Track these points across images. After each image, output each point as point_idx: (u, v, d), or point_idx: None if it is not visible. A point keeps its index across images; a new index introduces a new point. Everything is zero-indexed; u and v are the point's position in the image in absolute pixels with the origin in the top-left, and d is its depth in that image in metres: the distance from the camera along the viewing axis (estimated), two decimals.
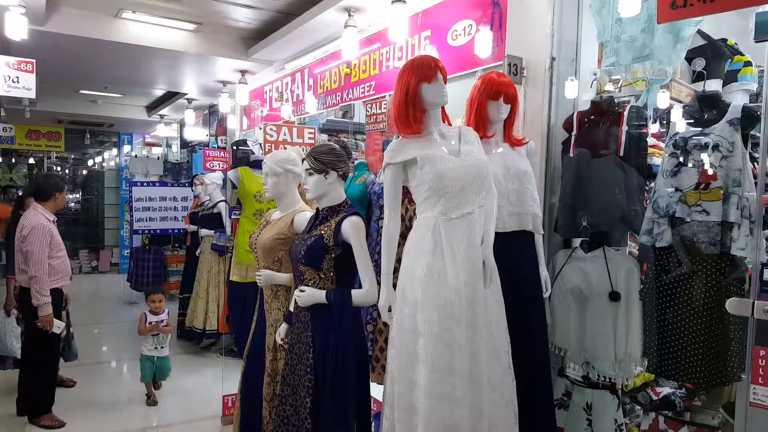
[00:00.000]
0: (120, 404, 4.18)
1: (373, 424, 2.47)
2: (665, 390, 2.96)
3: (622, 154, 2.63)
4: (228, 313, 4.67)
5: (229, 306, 4.64)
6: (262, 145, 3.79)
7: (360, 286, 2.31)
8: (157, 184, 7.96)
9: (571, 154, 2.68)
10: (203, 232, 5.64)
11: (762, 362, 1.91)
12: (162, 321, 4.18)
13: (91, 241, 11.03)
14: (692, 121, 2.48)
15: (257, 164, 4.17)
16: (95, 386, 4.30)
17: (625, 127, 2.61)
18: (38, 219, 3.77)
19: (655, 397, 2.89)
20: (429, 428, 1.94)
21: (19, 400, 3.94)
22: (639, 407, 2.79)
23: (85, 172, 12.98)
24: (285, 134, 3.69)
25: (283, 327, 2.54)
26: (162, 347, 4.21)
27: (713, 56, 2.81)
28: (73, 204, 11.98)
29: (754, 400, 1.91)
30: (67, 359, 4.38)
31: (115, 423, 3.85)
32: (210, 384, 4.59)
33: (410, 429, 2.01)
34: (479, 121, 2.44)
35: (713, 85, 2.73)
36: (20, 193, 7.92)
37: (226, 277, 5.16)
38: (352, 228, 2.26)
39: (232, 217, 4.27)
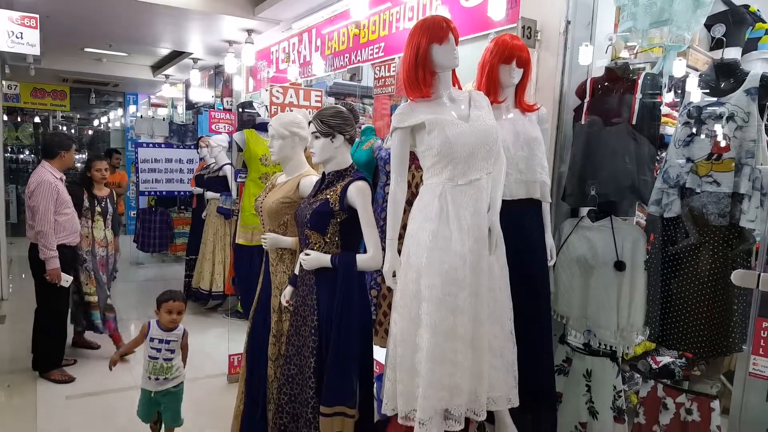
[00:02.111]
0: (127, 361, 4.26)
1: (375, 385, 2.51)
2: (665, 359, 2.98)
3: (634, 122, 2.59)
4: (234, 275, 4.71)
5: (234, 268, 4.68)
6: (268, 107, 3.75)
7: (365, 251, 2.31)
8: (162, 145, 7.94)
9: (583, 122, 2.63)
10: (209, 194, 5.65)
11: (764, 333, 1.92)
12: (167, 342, 2.91)
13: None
14: (708, 90, 2.43)
15: (263, 127, 4.14)
16: (103, 344, 4.35)
17: (639, 95, 2.55)
18: (45, 176, 3.84)
19: (654, 366, 2.92)
20: (429, 390, 1.97)
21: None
22: (638, 375, 2.82)
23: (90, 132, 12.94)
24: (291, 96, 3.64)
25: (288, 289, 2.56)
26: (166, 377, 2.91)
27: (734, 23, 2.72)
28: (79, 164, 12.00)
29: (754, 371, 1.92)
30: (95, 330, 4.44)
31: (122, 380, 3.93)
32: (216, 344, 4.67)
33: (411, 390, 2.04)
34: (490, 85, 2.39)
35: (732, 53, 2.66)
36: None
37: (231, 239, 5.20)
38: (358, 193, 2.25)
39: (238, 180, 4.26)
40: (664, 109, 2.75)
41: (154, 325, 2.96)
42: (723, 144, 2.26)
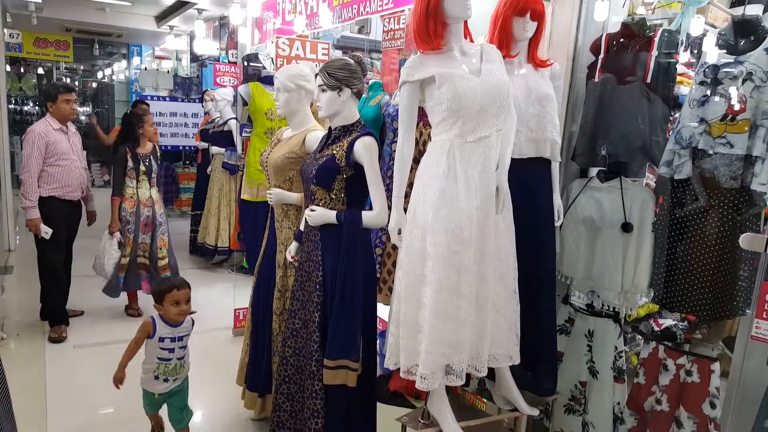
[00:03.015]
0: (128, 316, 4.34)
1: (378, 341, 2.54)
2: (667, 322, 3.00)
3: (648, 81, 2.52)
4: (239, 230, 4.72)
5: (240, 224, 4.69)
6: (274, 60, 3.67)
7: (371, 208, 2.30)
8: (167, 99, 7.85)
9: (596, 79, 2.56)
10: (214, 149, 5.61)
11: None
12: (179, 339, 2.57)
13: (103, 155, 11.05)
14: (726, 49, 2.35)
15: (269, 80, 4.07)
16: (105, 298, 4.32)
17: (655, 53, 2.47)
18: (38, 126, 3.85)
19: (656, 328, 2.94)
20: (432, 345, 1.99)
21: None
22: (640, 337, 2.84)
23: (94, 84, 12.80)
24: (298, 49, 3.57)
25: (294, 245, 2.56)
26: (177, 377, 2.59)
27: None
28: (83, 117, 11.89)
29: (756, 334, 1.92)
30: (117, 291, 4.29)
31: (130, 331, 3.98)
32: (222, 298, 4.73)
33: (414, 345, 2.06)
34: (503, 38, 2.31)
35: (754, 9, 2.55)
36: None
37: (237, 195, 5.19)
38: (365, 149, 2.22)
39: (243, 135, 4.22)
40: (680, 68, 2.67)
41: (159, 322, 2.51)
42: (738, 105, 2.20)
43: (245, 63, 4.50)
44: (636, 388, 2.50)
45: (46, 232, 3.81)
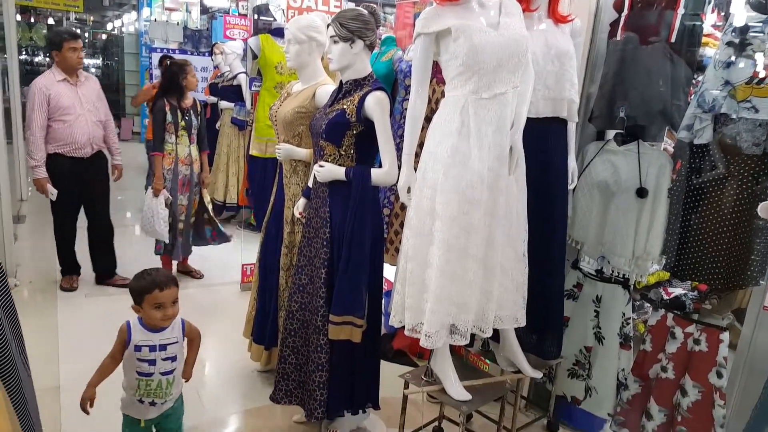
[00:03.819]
0: (141, 263, 4.33)
1: (383, 300, 2.54)
2: (677, 291, 2.98)
3: (673, 41, 2.42)
4: (247, 187, 4.70)
5: (248, 180, 4.66)
6: (285, 12, 3.57)
7: (380, 166, 2.26)
8: (177, 51, 7.73)
9: (618, 38, 2.46)
10: (223, 104, 5.55)
11: None
12: (163, 348, 1.97)
13: (113, 109, 10.99)
14: (756, 8, 2.23)
15: (279, 32, 3.97)
16: (118, 251, 4.29)
17: (681, 11, 2.36)
18: (40, 79, 3.61)
19: (666, 297, 2.91)
20: (437, 305, 1.98)
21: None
22: (648, 305, 2.82)
23: (104, 36, 12.63)
24: (309, 0, 3.46)
25: (302, 201, 2.54)
26: (165, 400, 2.00)
27: None
28: (93, 70, 11.80)
29: None
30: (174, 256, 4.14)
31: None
32: (230, 253, 4.75)
33: (419, 304, 2.05)
34: None
35: None
36: None
37: (245, 151, 5.15)
38: (376, 103, 2.16)
39: (252, 89, 4.15)
40: (706, 29, 2.57)
41: (135, 327, 1.94)
42: (766, 69, 2.11)
43: (256, 15, 4.39)
44: (642, 355, 2.49)
45: (52, 193, 3.63)
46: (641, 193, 2.39)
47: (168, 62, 3.98)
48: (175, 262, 4.24)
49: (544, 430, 2.68)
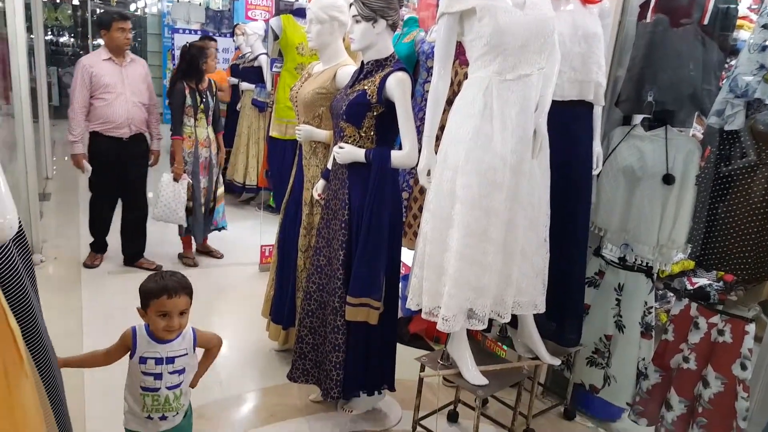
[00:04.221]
0: (162, 245, 4.39)
1: (400, 284, 2.53)
2: (701, 281, 2.90)
3: (705, 24, 2.34)
4: (267, 168, 4.70)
5: (268, 161, 4.67)
6: None
7: (400, 148, 2.24)
8: (199, 32, 7.74)
9: (648, 20, 2.39)
10: (244, 85, 5.54)
11: None
12: (171, 361, 1.76)
13: None
14: None
15: (301, 13, 3.93)
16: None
17: None
18: (86, 57, 3.71)
19: (690, 287, 2.84)
20: (456, 289, 1.96)
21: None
22: (672, 294, 2.76)
23: None
24: None
25: (321, 183, 2.53)
26: (175, 413, 1.80)
27: None
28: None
29: None
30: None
31: (164, 258, 4.09)
32: (249, 234, 4.79)
33: (437, 288, 2.03)
34: None
35: None
36: None
37: (265, 133, 5.15)
38: (398, 84, 2.13)
39: (273, 70, 4.13)
40: (741, 11, 2.48)
41: (141, 335, 1.74)
42: None
43: None
44: (663, 345, 2.45)
45: (87, 170, 3.66)
46: (668, 179, 2.33)
47: (188, 44, 3.97)
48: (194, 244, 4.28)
49: (561, 418, 2.66)
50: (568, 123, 2.22)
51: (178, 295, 1.69)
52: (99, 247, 4.00)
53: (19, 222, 1.23)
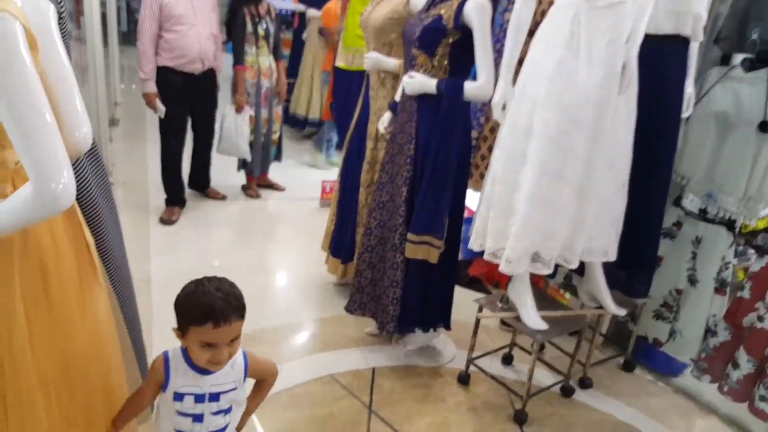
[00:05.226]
0: (226, 177, 4.43)
1: (462, 226, 2.47)
2: None
3: None
4: (331, 101, 4.63)
5: (333, 94, 4.58)
6: None
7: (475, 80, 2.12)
8: None
9: None
10: (311, 12, 5.38)
11: None
12: (215, 398, 1.30)
13: None
14: None
15: None
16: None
17: None
18: None
19: None
20: (523, 230, 1.89)
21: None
22: (753, 251, 2.59)
23: None
24: None
25: (387, 115, 2.46)
26: None
27: None
28: None
29: None
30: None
31: (221, 204, 4.12)
32: (310, 170, 4.82)
33: (503, 229, 1.97)
34: None
35: None
36: None
37: (332, 63, 5.02)
38: (477, 9, 2.00)
39: None
40: None
41: (176, 364, 1.29)
42: None
43: None
44: (737, 302, 2.32)
45: (161, 110, 3.45)
46: (764, 127, 2.14)
47: None
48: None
49: (620, 369, 2.60)
50: (660, 59, 2.04)
51: (228, 321, 1.20)
52: (176, 199, 3.78)
53: (93, 139, 1.24)
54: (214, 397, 1.30)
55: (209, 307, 1.18)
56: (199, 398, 1.29)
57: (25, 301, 1.04)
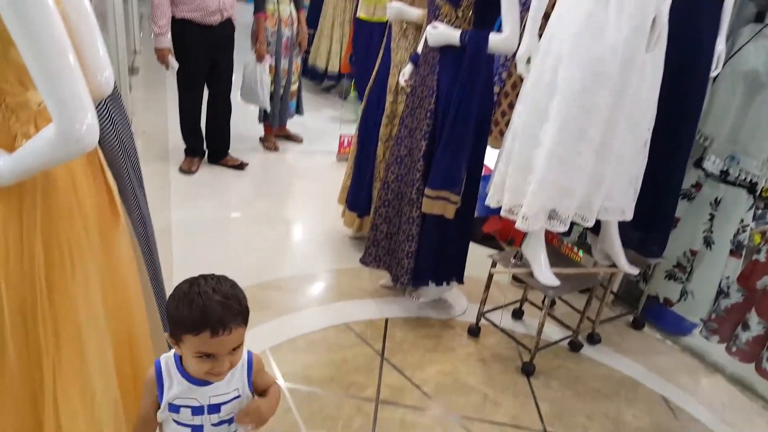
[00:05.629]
0: (245, 127, 4.44)
1: (480, 184, 2.47)
2: None
3: None
4: (351, 52, 4.56)
5: (353, 45, 4.51)
6: None
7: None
8: None
9: None
10: None
11: None
12: (216, 409, 1.12)
13: None
14: None
15: None
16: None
17: None
18: None
19: None
20: (541, 187, 1.89)
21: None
22: None
23: None
24: None
25: (408, 68, 2.44)
26: None
27: None
28: None
29: None
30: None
31: (240, 156, 4.09)
32: (328, 123, 4.80)
33: (521, 186, 1.97)
34: None
35: None
36: None
37: (352, 14, 4.93)
38: None
39: None
40: None
41: (169, 373, 1.13)
42: None
43: None
44: (751, 266, 2.32)
45: (173, 66, 3.37)
46: None
47: None
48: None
49: (629, 326, 2.64)
50: (691, 14, 1.98)
51: (228, 331, 1.02)
52: (195, 149, 3.76)
53: (116, 84, 1.24)
54: (214, 408, 1.13)
55: (205, 313, 1.00)
56: (196, 410, 1.12)
57: (47, 242, 1.05)
